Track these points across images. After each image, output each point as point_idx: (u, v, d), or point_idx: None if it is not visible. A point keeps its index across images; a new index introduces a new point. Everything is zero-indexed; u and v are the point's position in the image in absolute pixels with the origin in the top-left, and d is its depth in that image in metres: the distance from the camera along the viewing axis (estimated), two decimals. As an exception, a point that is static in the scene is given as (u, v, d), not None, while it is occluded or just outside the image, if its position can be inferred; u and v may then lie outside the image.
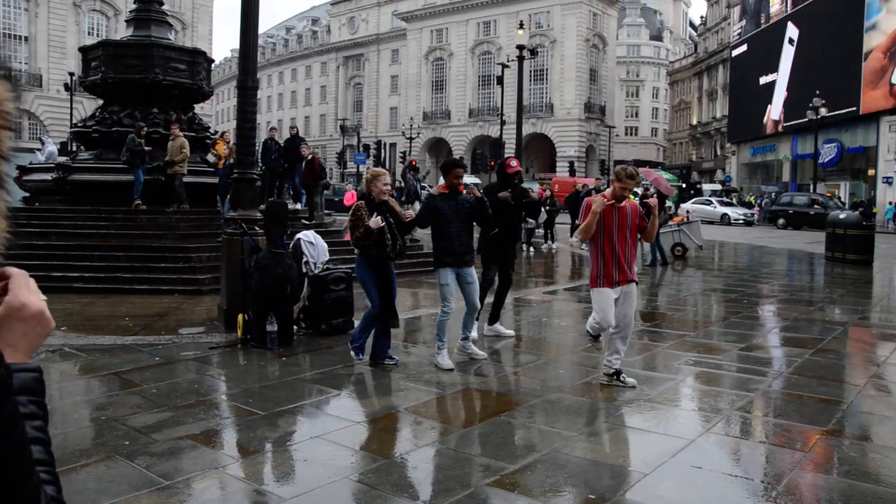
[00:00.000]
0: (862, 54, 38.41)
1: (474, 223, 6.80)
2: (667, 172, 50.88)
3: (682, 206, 36.64)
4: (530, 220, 19.79)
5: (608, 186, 6.08)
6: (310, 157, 15.34)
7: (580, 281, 14.12)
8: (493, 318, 7.82)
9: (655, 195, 10.29)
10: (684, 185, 38.55)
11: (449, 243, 6.42)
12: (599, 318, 5.76)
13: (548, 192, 24.43)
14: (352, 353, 6.50)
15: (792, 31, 46.40)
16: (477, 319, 7.26)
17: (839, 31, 39.97)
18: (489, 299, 7.78)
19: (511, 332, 7.89)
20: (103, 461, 4.08)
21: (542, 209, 19.99)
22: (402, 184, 27.92)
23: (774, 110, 49.25)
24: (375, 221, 6.06)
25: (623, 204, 5.72)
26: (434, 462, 4.27)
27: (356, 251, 6.40)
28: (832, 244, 17.58)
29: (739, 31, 56.50)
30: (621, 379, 5.83)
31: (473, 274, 6.65)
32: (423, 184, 28.06)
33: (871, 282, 14.40)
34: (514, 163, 7.75)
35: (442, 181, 6.88)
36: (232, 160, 12.48)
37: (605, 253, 5.65)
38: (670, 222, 18.00)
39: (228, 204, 11.92)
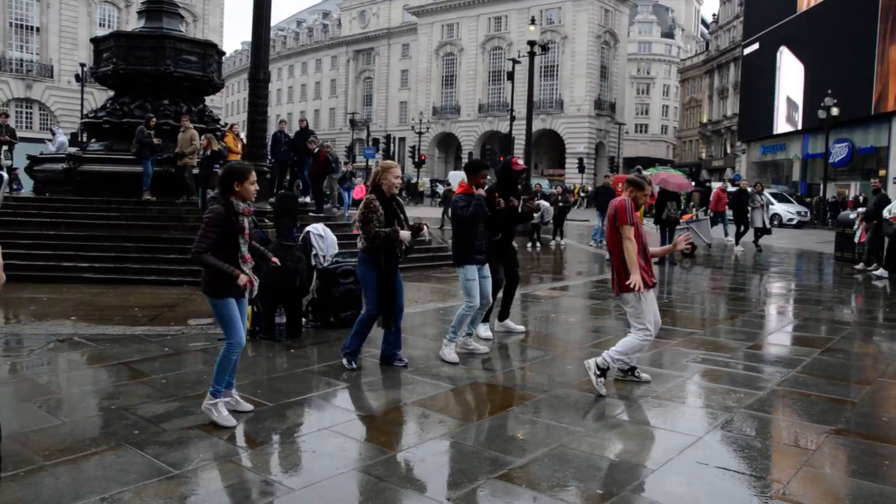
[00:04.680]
0: (875, 53, 38.10)
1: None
2: (676, 170, 50.60)
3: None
4: (535, 216, 19.83)
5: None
6: (316, 150, 15.34)
7: (587, 278, 14.11)
8: (504, 314, 7.92)
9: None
10: (693, 183, 37.51)
11: (480, 242, 6.58)
12: (647, 322, 5.58)
13: (559, 189, 24.37)
14: (343, 361, 6.15)
15: (804, 31, 46.05)
16: (486, 319, 7.36)
17: (852, 29, 39.66)
18: (497, 296, 7.79)
19: (521, 328, 7.98)
20: (113, 450, 4.11)
21: (551, 207, 20.03)
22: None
23: (781, 112, 49.04)
24: (406, 235, 5.88)
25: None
26: (441, 455, 4.29)
27: (361, 246, 6.04)
28: (841, 245, 17.49)
29: (751, 28, 56.11)
30: (636, 374, 5.92)
31: (488, 270, 6.83)
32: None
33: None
34: (521, 161, 7.79)
35: (464, 180, 6.81)
36: (209, 151, 12.31)
37: (645, 257, 5.66)
38: (680, 220, 17.91)
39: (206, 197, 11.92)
